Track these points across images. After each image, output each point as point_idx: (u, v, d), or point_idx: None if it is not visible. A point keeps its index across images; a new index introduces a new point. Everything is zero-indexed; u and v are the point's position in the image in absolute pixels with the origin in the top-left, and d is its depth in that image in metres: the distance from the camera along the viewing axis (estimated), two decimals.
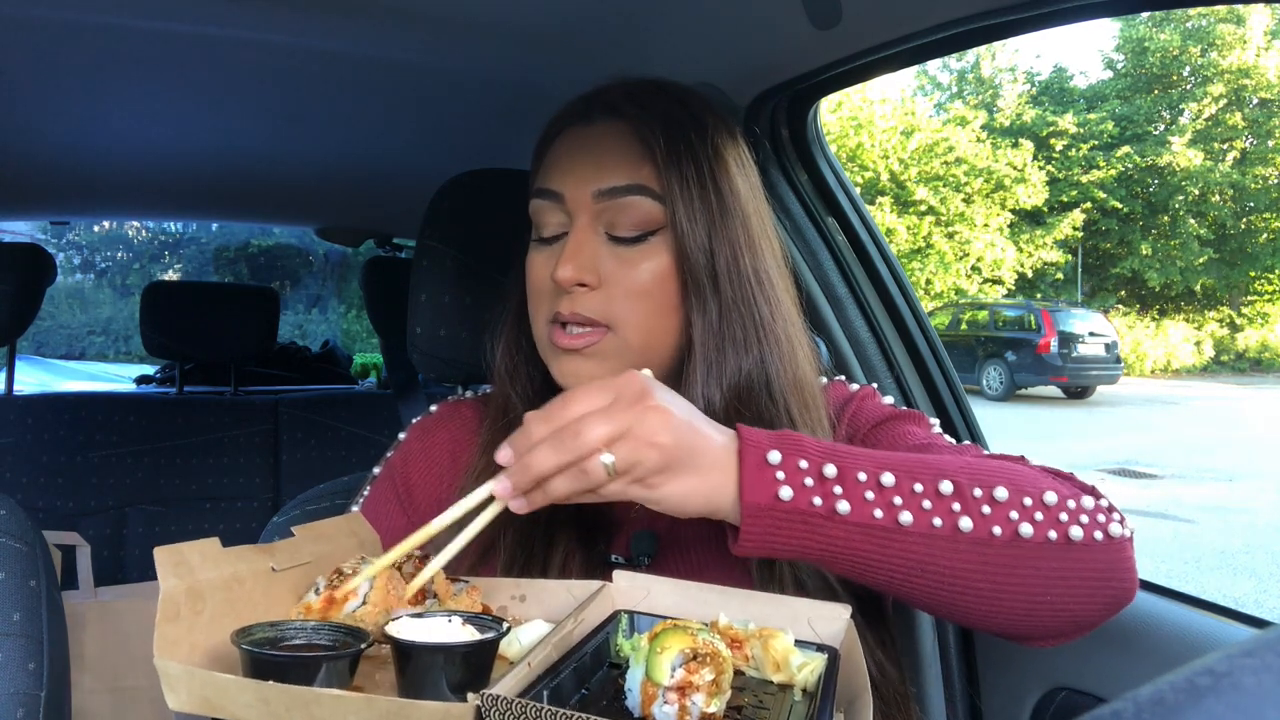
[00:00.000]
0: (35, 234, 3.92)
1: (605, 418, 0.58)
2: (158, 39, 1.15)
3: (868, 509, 0.61)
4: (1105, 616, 0.67)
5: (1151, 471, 8.26)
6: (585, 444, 0.58)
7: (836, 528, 0.61)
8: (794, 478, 0.61)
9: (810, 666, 0.57)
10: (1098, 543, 0.64)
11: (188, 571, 0.53)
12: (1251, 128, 20.44)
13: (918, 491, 0.62)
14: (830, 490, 0.61)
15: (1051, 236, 19.53)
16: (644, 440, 0.59)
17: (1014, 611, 0.64)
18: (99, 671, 1.47)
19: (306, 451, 2.34)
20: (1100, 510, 0.65)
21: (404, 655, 0.51)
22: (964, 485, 0.63)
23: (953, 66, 22.62)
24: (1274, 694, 0.20)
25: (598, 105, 0.80)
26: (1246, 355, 20.45)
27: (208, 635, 0.53)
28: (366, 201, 2.30)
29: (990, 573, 0.62)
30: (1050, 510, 0.63)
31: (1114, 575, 0.65)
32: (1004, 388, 13.86)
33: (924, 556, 0.62)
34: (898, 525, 0.61)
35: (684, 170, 0.75)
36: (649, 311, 0.76)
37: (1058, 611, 0.64)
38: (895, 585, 0.64)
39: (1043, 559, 0.62)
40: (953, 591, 0.63)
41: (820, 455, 0.63)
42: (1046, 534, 0.62)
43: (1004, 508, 0.63)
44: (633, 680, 0.52)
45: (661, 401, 0.60)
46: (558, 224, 0.79)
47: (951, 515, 0.62)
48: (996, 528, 0.62)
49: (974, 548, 0.62)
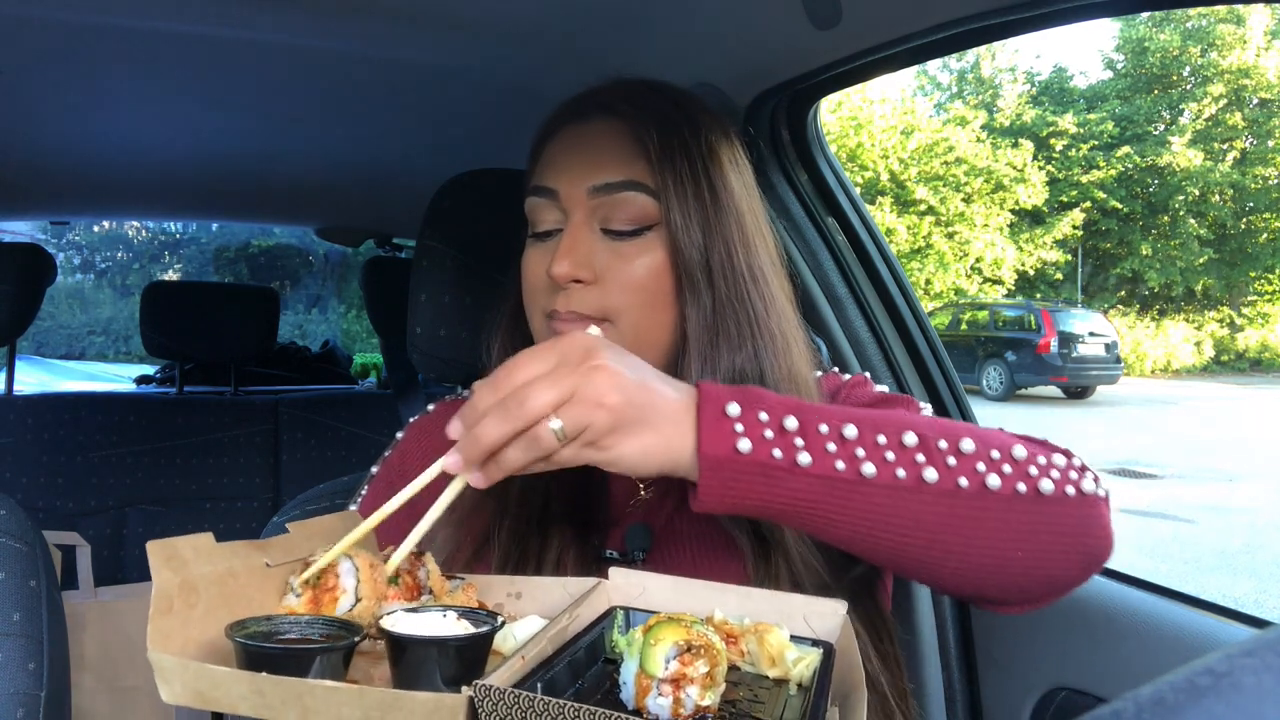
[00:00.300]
0: (35, 234, 3.92)
1: (550, 382, 0.57)
2: (158, 39, 1.15)
3: (830, 460, 0.60)
4: (1081, 576, 0.65)
5: (1151, 471, 8.26)
6: (531, 411, 0.56)
7: (798, 480, 0.60)
8: (753, 430, 0.60)
9: (806, 661, 0.57)
10: (1069, 497, 0.63)
11: (181, 565, 0.53)
12: (1251, 128, 20.44)
13: (881, 443, 0.61)
14: (791, 442, 0.60)
15: (1051, 236, 19.53)
16: (591, 401, 0.57)
17: (984, 567, 0.62)
18: (99, 671, 1.47)
19: (306, 451, 2.34)
20: (1072, 468, 0.65)
21: (398, 648, 0.51)
22: (929, 437, 0.62)
23: (953, 66, 22.64)
24: (1274, 694, 0.20)
25: (592, 105, 0.81)
26: (1246, 355, 20.44)
27: (201, 629, 0.53)
28: (366, 201, 2.30)
29: (958, 525, 0.61)
30: (1019, 464, 0.63)
31: (1087, 531, 0.64)
32: (1004, 388, 13.86)
33: (888, 509, 0.61)
34: (860, 477, 0.60)
35: (678, 167, 0.76)
36: (644, 305, 0.77)
37: (1030, 569, 0.63)
38: (859, 539, 0.63)
39: (1012, 512, 0.62)
40: (918, 545, 0.62)
41: (781, 408, 0.62)
42: (1015, 486, 0.62)
43: (970, 459, 0.62)
44: (627, 672, 0.52)
45: (608, 361, 0.59)
46: (553, 221, 0.79)
47: (916, 466, 0.61)
48: (963, 479, 0.61)
49: (940, 499, 0.61)
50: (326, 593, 0.57)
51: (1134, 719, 0.21)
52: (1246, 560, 5.65)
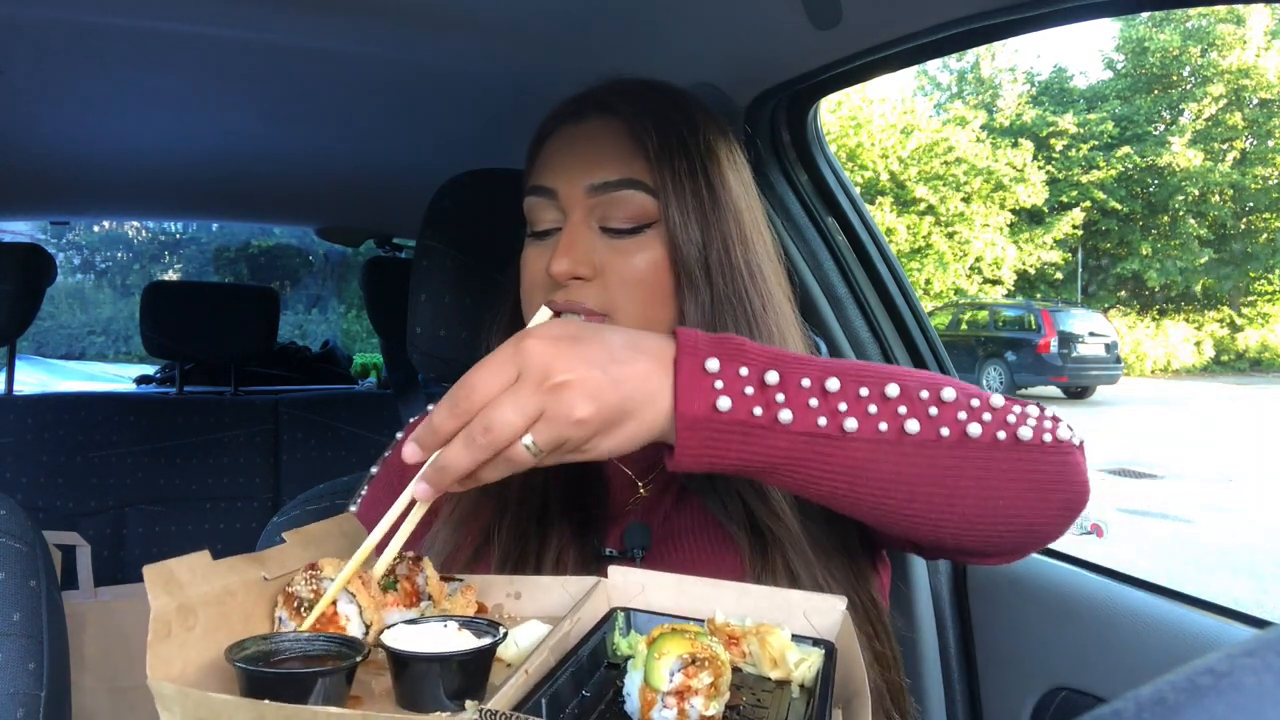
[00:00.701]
0: (35, 234, 3.92)
1: (514, 404, 0.54)
2: (158, 39, 1.15)
3: (811, 416, 0.59)
4: (1060, 525, 0.65)
5: (1151, 471, 8.26)
6: (500, 439, 0.54)
7: (778, 437, 0.59)
8: (733, 385, 0.59)
9: (808, 662, 0.57)
10: (1047, 444, 0.63)
11: (178, 588, 0.52)
12: (1251, 128, 20.44)
13: (863, 396, 0.61)
14: (772, 398, 0.59)
15: (1051, 236, 19.53)
16: (563, 420, 0.55)
17: (965, 517, 0.62)
18: (99, 671, 1.47)
19: (306, 451, 2.34)
20: (1045, 417, 0.65)
21: (400, 665, 0.51)
22: (910, 388, 0.62)
23: (953, 66, 22.63)
24: (1274, 694, 0.20)
25: (589, 104, 0.81)
26: (1246, 355, 20.44)
27: (200, 651, 0.52)
28: (366, 201, 2.30)
29: (938, 475, 0.61)
30: (998, 412, 0.63)
31: (1065, 479, 0.64)
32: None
33: (869, 462, 0.60)
34: (842, 432, 0.59)
35: (676, 165, 0.76)
36: (644, 301, 0.77)
37: (1011, 518, 0.63)
38: (840, 495, 0.62)
39: (993, 460, 0.61)
40: (900, 498, 0.61)
41: (762, 361, 0.61)
42: (995, 434, 0.62)
43: (951, 408, 0.62)
44: (631, 685, 0.52)
45: (571, 373, 0.55)
46: (551, 220, 0.80)
47: (898, 419, 0.61)
48: (944, 428, 0.61)
49: (920, 450, 0.60)
50: (330, 623, 0.57)
51: (1134, 719, 0.21)
52: (1246, 560, 5.65)
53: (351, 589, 0.58)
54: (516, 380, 0.56)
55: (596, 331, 0.60)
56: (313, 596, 0.57)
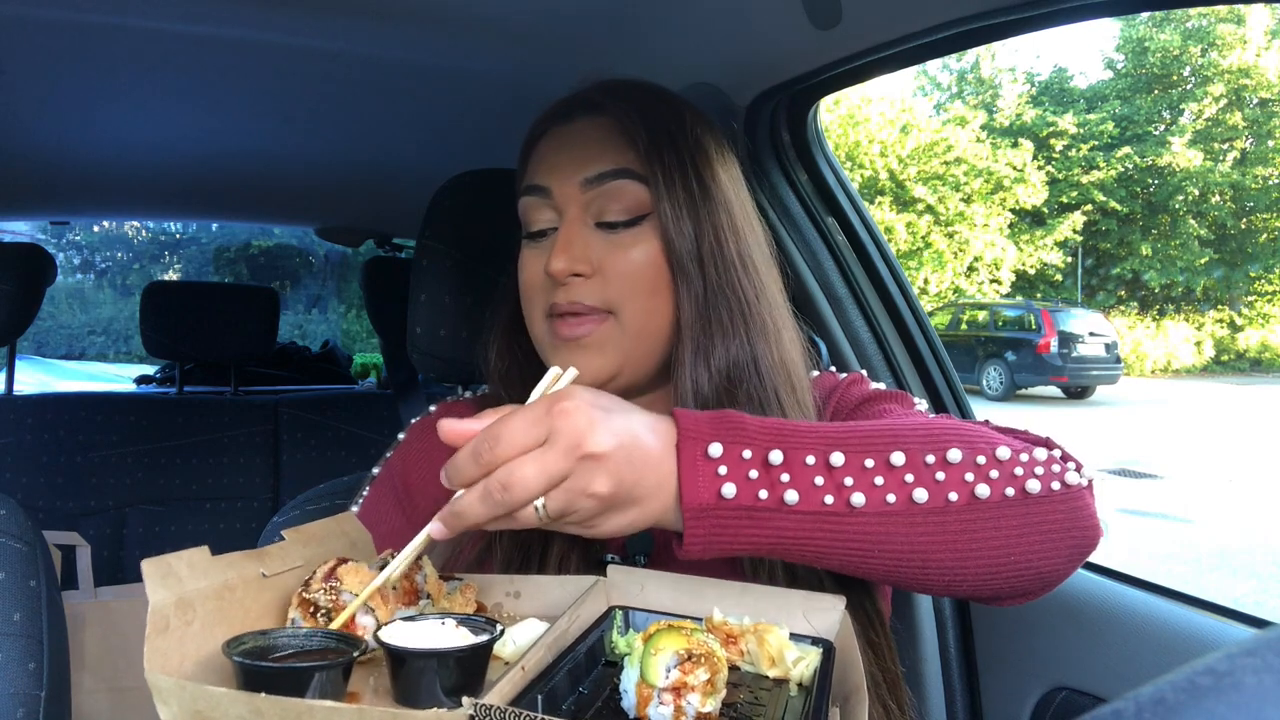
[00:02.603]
0: (35, 234, 3.92)
1: (539, 467, 0.54)
2: (158, 39, 1.15)
3: (817, 495, 0.59)
4: (1070, 568, 0.65)
5: (1151, 471, 8.26)
6: (516, 499, 0.54)
7: (785, 519, 0.59)
8: (736, 470, 0.58)
9: (806, 661, 0.57)
10: (1055, 493, 0.62)
11: (176, 582, 0.52)
12: (1251, 128, 20.43)
13: (869, 468, 0.60)
14: (776, 479, 0.59)
15: (1052, 238, 19.53)
16: (580, 491, 0.55)
17: (978, 574, 0.62)
18: (99, 671, 1.47)
19: (306, 451, 2.34)
20: (1054, 460, 0.64)
21: (397, 661, 0.51)
22: (915, 452, 0.61)
23: (953, 66, 22.63)
24: (1274, 694, 0.20)
25: (577, 105, 0.82)
26: (1247, 355, 20.43)
27: (199, 645, 0.52)
28: (366, 201, 2.30)
29: (949, 540, 0.60)
30: (1004, 465, 0.62)
31: (1075, 525, 0.63)
32: (1004, 388, 13.86)
33: (880, 535, 0.60)
34: (849, 508, 0.59)
35: (665, 157, 0.77)
36: (643, 295, 0.77)
37: (1021, 570, 0.62)
38: (852, 567, 0.62)
39: (1002, 518, 0.61)
40: (913, 566, 0.61)
41: (765, 439, 0.60)
42: (1003, 491, 0.61)
43: (958, 470, 0.61)
44: (627, 681, 0.52)
45: (602, 446, 0.55)
46: (547, 220, 0.80)
47: (905, 487, 0.60)
48: (953, 493, 0.60)
49: (929, 517, 0.60)
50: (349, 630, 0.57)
51: (1134, 719, 0.21)
52: (1246, 560, 5.65)
53: (370, 602, 0.58)
54: (545, 443, 0.55)
55: (624, 408, 0.59)
56: (331, 607, 0.57)
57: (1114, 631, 0.96)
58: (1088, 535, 0.64)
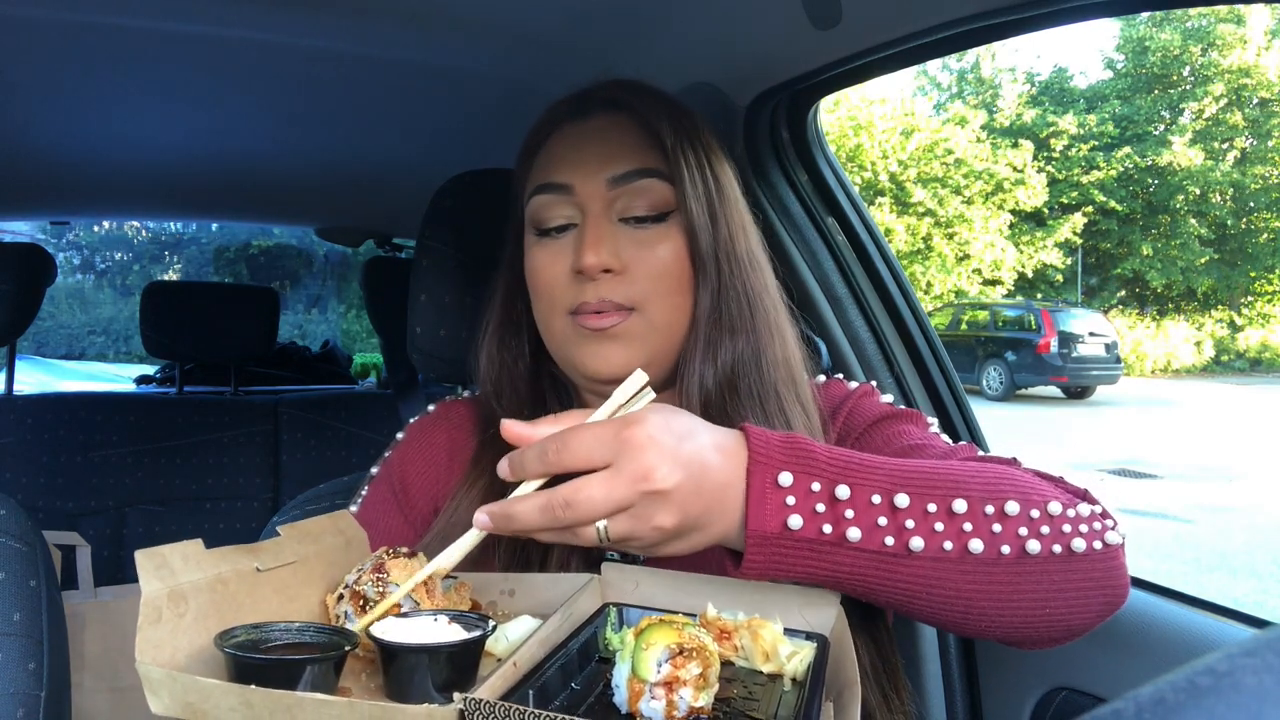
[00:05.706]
0: (35, 234, 3.92)
1: (605, 492, 0.54)
2: (158, 39, 1.15)
3: (879, 535, 0.59)
4: (1097, 623, 0.66)
5: (1151, 471, 8.26)
6: (576, 518, 0.55)
7: (844, 554, 0.59)
8: (805, 502, 0.59)
9: (800, 655, 0.57)
10: (1096, 552, 0.63)
11: (169, 574, 0.52)
12: (1251, 128, 20.43)
13: (931, 512, 0.60)
14: (841, 514, 0.59)
15: (1052, 238, 19.52)
16: (645, 521, 0.56)
17: (1014, 624, 0.63)
18: (99, 671, 1.47)
19: (306, 451, 2.34)
20: (1096, 518, 0.65)
21: (388, 656, 0.51)
22: (977, 501, 0.61)
23: (953, 66, 22.64)
24: (1274, 694, 0.20)
25: (594, 101, 0.83)
26: (1247, 355, 20.43)
27: (191, 638, 0.52)
28: (366, 201, 2.30)
29: (994, 590, 0.61)
30: (1054, 521, 0.62)
31: (1109, 583, 0.64)
32: (1004, 388, 13.86)
33: (931, 580, 0.61)
34: (908, 551, 0.60)
35: (687, 156, 0.79)
36: (668, 292, 0.78)
37: (1055, 622, 0.64)
38: (897, 605, 0.63)
39: (1046, 575, 0.62)
40: (956, 611, 0.62)
41: (832, 473, 0.60)
42: (1051, 548, 0.62)
43: (1013, 523, 0.61)
44: (619, 676, 0.52)
45: (669, 481, 0.55)
46: (565, 216, 0.80)
47: (963, 536, 0.60)
48: (1005, 546, 0.61)
49: (980, 567, 0.61)
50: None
51: (1134, 719, 0.21)
52: (1246, 560, 5.65)
53: (415, 595, 0.59)
54: (612, 466, 0.55)
55: (693, 430, 0.59)
56: (378, 597, 0.58)
57: (1114, 631, 0.96)
58: (1118, 593, 0.65)
